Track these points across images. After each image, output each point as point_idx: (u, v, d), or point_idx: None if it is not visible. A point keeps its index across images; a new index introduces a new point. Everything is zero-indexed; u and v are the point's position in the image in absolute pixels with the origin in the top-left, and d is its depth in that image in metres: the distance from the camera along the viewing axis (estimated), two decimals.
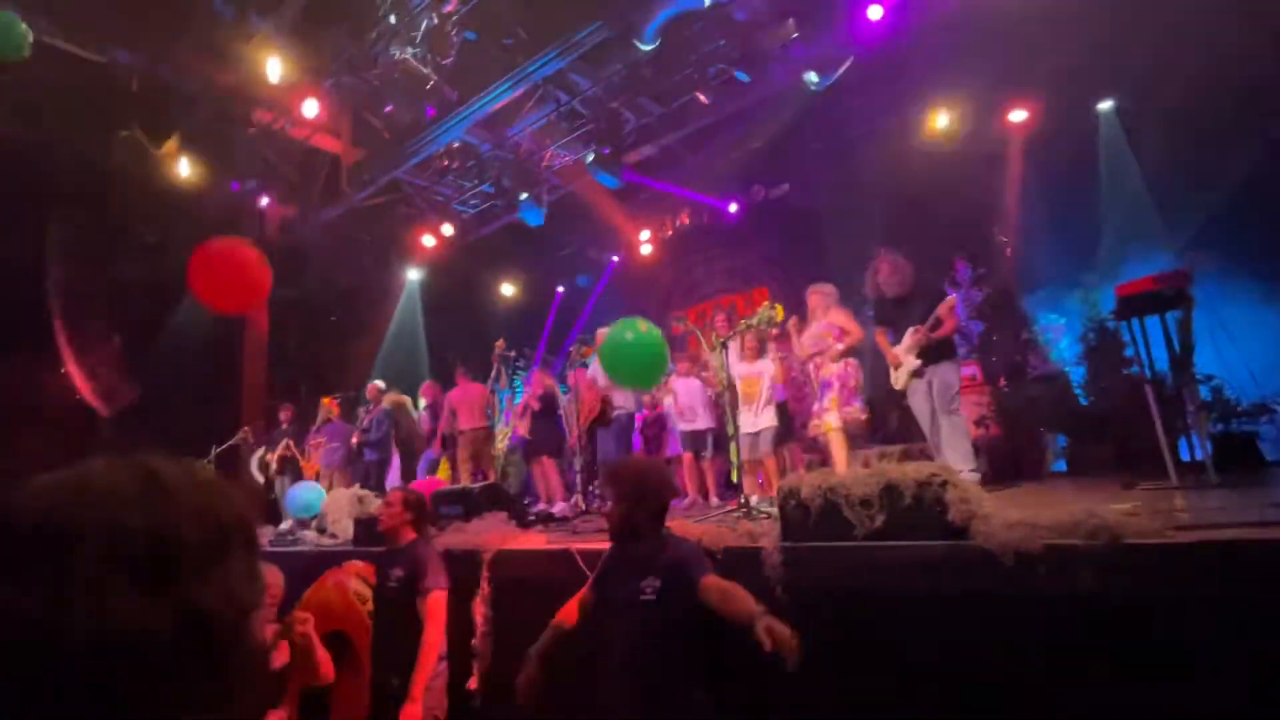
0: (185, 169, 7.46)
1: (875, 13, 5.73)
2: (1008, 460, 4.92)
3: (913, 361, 4.15)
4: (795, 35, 6.15)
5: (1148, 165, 5.71)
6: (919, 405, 4.21)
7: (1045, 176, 6.40)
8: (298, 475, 7.07)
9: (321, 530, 5.30)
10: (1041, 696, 1.96)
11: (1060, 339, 6.42)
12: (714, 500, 5.53)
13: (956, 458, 3.86)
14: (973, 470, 3.80)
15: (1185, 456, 3.94)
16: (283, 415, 7.81)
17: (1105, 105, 6.48)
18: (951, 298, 4.20)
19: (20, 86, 6.76)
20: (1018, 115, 6.70)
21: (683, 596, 2.00)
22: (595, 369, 5.97)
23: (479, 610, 2.89)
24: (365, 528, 4.09)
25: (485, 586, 2.96)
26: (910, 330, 4.15)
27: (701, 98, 6.83)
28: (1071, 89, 6.22)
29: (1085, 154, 6.31)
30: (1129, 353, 5.09)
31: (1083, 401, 5.92)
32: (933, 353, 4.14)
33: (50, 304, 8.19)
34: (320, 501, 5.56)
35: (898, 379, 4.28)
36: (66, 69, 6.65)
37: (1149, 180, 5.65)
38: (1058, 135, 6.44)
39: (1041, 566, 1.94)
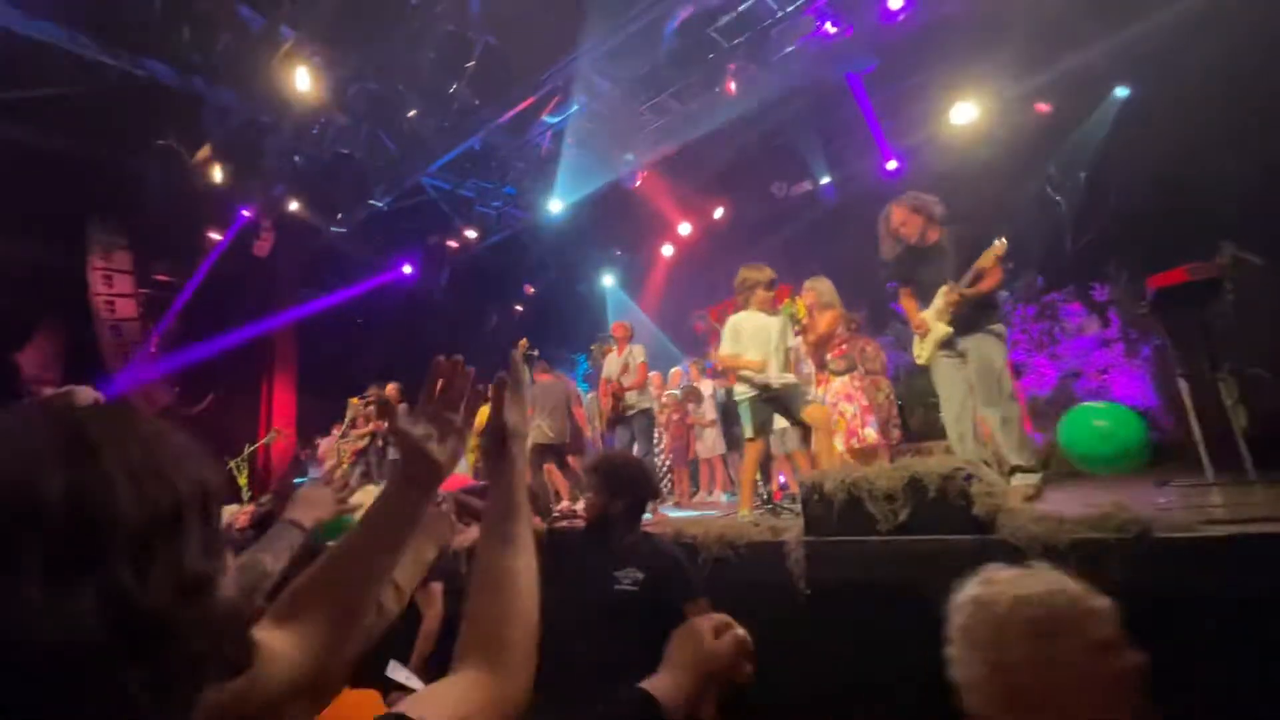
0: (218, 176, 7.70)
1: (895, 2, 5.74)
2: (1037, 456, 4.83)
3: (941, 329, 3.36)
4: (815, 29, 6.13)
5: (1179, 152, 5.55)
6: (946, 388, 3.44)
7: (1071, 166, 6.27)
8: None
9: None
10: None
11: (1091, 332, 6.29)
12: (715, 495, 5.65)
13: (1011, 456, 3.15)
14: (1031, 470, 3.12)
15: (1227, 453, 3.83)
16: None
17: (1121, 92, 6.31)
18: (999, 243, 3.25)
19: (60, 101, 7.04)
20: (1043, 105, 6.58)
21: (665, 594, 2.07)
22: (610, 366, 6.00)
23: None
24: None
25: None
26: (943, 290, 3.34)
27: (731, 88, 6.81)
28: (1095, 76, 6.09)
29: (1111, 143, 6.17)
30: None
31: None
32: (968, 318, 3.31)
33: (92, 308, 8.49)
34: None
35: (921, 350, 3.52)
36: (104, 82, 6.91)
37: (1181, 167, 5.49)
38: (1081, 124, 6.32)
39: (1069, 561, 1.92)
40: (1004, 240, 3.27)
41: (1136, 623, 1.83)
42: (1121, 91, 6.29)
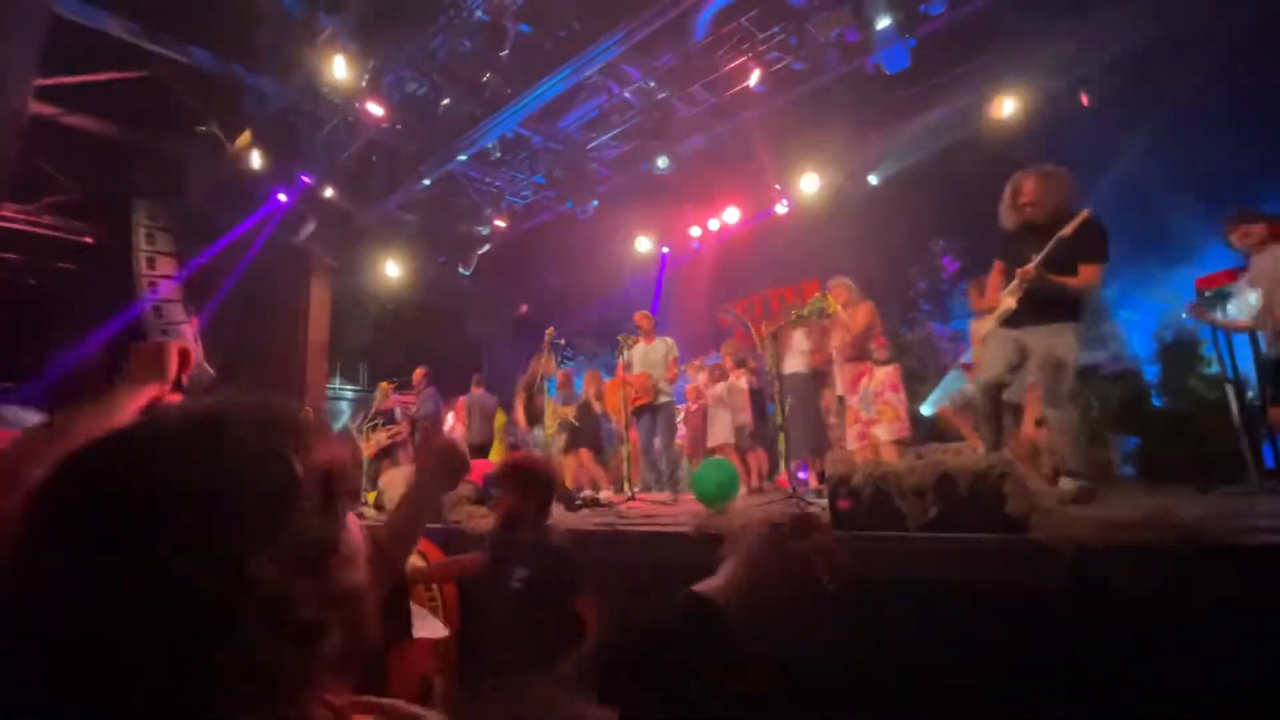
0: (257, 162, 7.87)
1: None
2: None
3: (1008, 303, 3.12)
4: (851, 21, 6.01)
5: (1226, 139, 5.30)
6: (989, 356, 3.24)
7: (1116, 160, 6.06)
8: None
9: (379, 508, 5.54)
10: (1099, 697, 1.90)
11: (1133, 335, 6.09)
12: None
13: (1060, 459, 3.01)
14: (1075, 477, 2.91)
15: (1271, 462, 3.70)
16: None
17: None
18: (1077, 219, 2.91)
19: (108, 86, 7.26)
20: (1085, 98, 6.35)
21: (550, 593, 2.16)
22: (636, 357, 6.02)
23: None
24: None
25: None
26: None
27: (752, 85, 6.75)
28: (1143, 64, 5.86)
29: (1156, 134, 5.93)
30: (1208, 350, 4.80)
31: (1156, 402, 5.61)
32: (1042, 304, 3.01)
33: (135, 288, 8.76)
34: None
35: (986, 324, 3.33)
36: (148, 68, 7.11)
37: (1228, 156, 5.25)
38: (1125, 116, 6.09)
39: (1103, 564, 1.86)
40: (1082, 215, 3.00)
41: (1177, 629, 1.78)
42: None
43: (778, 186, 8.79)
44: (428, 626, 2.28)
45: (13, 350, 8.73)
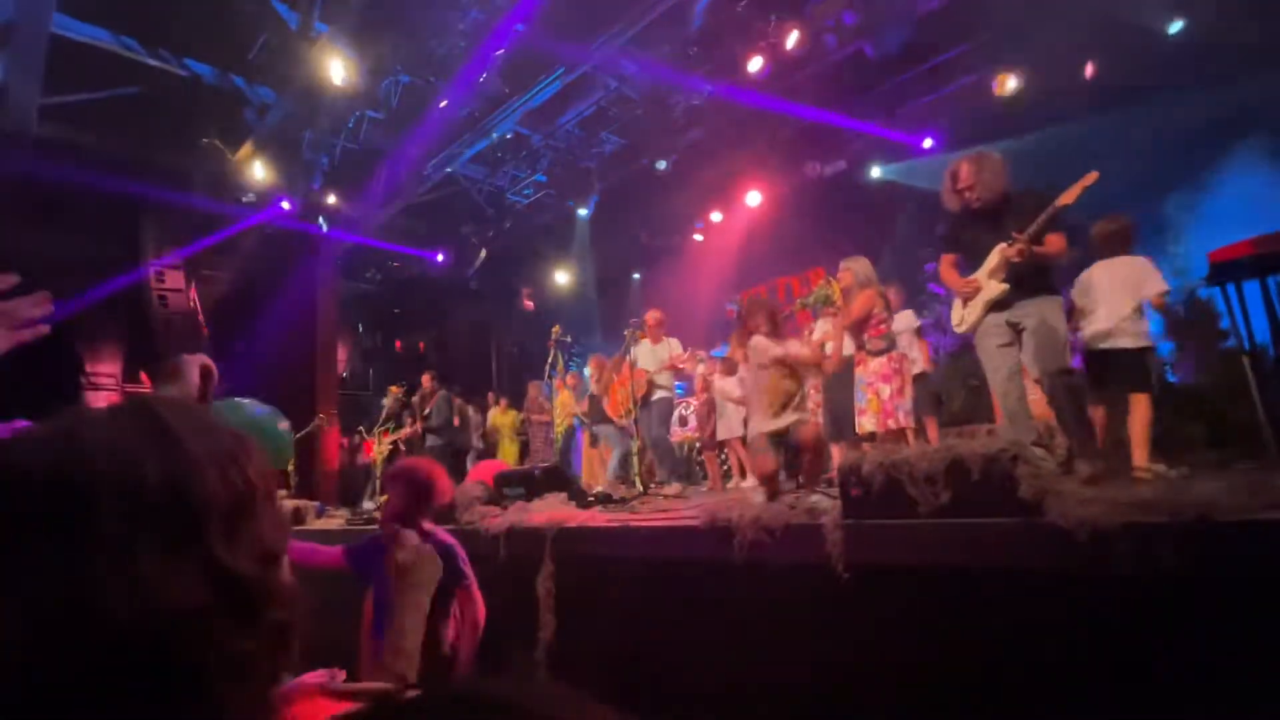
0: (259, 172, 7.92)
1: None
2: None
3: (996, 287, 3.03)
4: (846, 7, 5.95)
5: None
6: (993, 358, 3.11)
7: (1124, 132, 5.95)
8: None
9: None
10: (1118, 682, 1.88)
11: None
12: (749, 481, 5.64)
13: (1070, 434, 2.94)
14: (1087, 459, 2.87)
15: None
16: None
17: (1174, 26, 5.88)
18: (1090, 176, 2.92)
19: (111, 103, 7.32)
20: (1091, 70, 6.25)
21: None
22: (640, 352, 6.02)
23: (543, 584, 3.00)
24: None
25: (549, 563, 3.07)
26: (1000, 245, 3.00)
27: (751, 71, 6.69)
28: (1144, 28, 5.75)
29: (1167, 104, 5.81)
30: (1224, 324, 4.72)
31: (1170, 378, 5.54)
32: (1029, 281, 2.99)
33: (146, 302, 8.86)
34: None
35: (966, 314, 3.19)
36: (149, 83, 7.16)
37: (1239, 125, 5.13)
38: (1134, 85, 5.97)
39: (1120, 544, 1.84)
40: (1095, 174, 2.95)
41: (1195, 607, 1.76)
42: (1174, 26, 5.89)
43: (778, 177, 8.73)
44: None
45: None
